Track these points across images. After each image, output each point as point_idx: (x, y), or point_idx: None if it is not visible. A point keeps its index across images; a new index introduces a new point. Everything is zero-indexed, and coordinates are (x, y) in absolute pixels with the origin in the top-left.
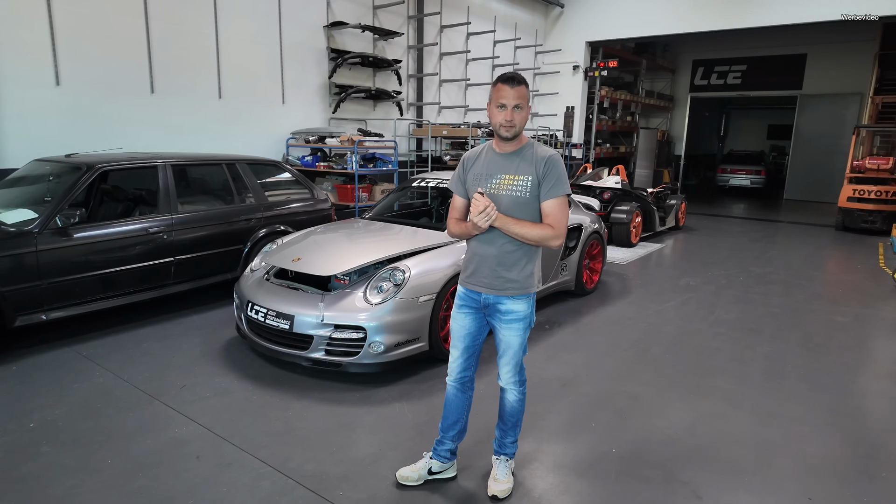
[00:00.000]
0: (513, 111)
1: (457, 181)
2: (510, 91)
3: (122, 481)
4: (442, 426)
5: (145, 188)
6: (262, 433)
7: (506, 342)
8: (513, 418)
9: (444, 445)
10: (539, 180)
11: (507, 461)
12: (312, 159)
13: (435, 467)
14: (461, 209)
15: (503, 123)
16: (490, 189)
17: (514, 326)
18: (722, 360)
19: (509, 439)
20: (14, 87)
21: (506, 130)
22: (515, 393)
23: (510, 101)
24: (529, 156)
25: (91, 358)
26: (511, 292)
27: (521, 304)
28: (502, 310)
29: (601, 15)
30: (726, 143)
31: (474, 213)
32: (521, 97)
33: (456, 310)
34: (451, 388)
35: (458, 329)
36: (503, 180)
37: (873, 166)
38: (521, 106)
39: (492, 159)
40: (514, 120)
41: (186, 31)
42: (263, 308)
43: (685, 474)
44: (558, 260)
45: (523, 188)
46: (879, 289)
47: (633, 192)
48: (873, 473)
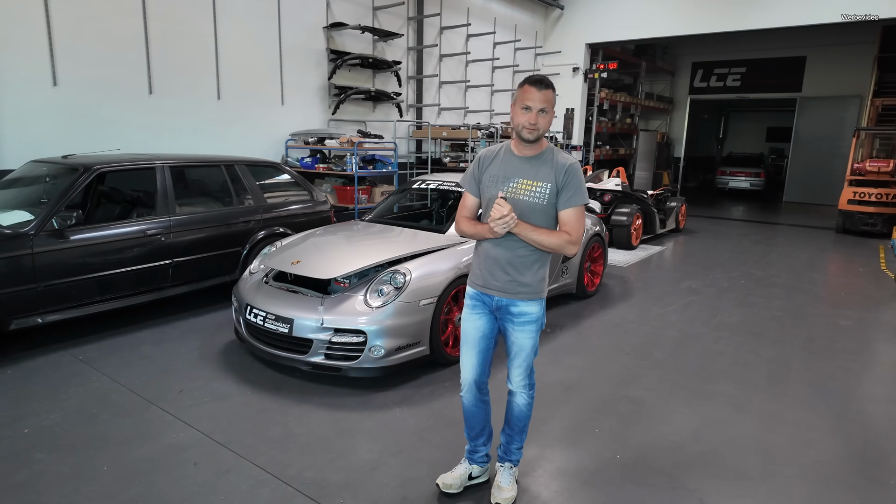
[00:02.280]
0: (538, 114)
1: (470, 179)
2: (537, 94)
3: (118, 489)
4: (468, 435)
5: (143, 190)
6: (260, 439)
7: (518, 345)
8: (520, 423)
9: (478, 453)
10: (558, 188)
11: (512, 468)
12: (312, 161)
13: (475, 472)
14: (472, 208)
15: (526, 125)
16: (506, 192)
17: (527, 329)
18: (725, 365)
19: (515, 445)
20: (11, 88)
21: (528, 133)
22: (525, 396)
23: (536, 105)
24: (550, 162)
25: (87, 362)
26: (524, 296)
27: (533, 306)
28: (515, 312)
29: (601, 17)
30: (725, 145)
31: (494, 218)
32: (548, 101)
33: (468, 311)
34: (467, 401)
35: (473, 331)
36: (521, 184)
37: (874, 169)
38: (547, 110)
39: (510, 161)
40: (539, 123)
41: (185, 31)
42: (262, 311)
43: (691, 481)
44: (559, 263)
45: (541, 194)
46: (881, 292)
47: (633, 194)
48: (882, 480)
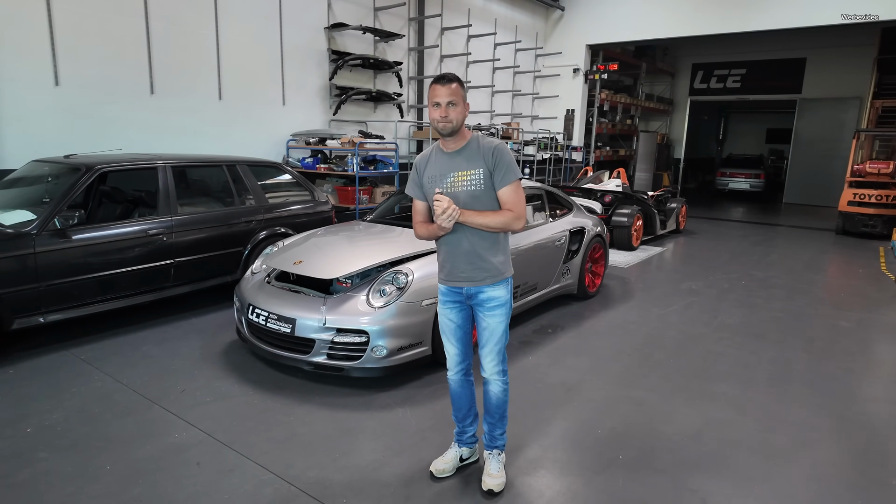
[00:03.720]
0: (447, 108)
1: (413, 185)
2: (442, 89)
3: (120, 488)
4: (456, 417)
5: (145, 190)
6: (263, 439)
7: (489, 329)
8: (499, 410)
9: (465, 434)
10: (490, 171)
11: (499, 454)
12: (313, 161)
13: (465, 454)
14: (423, 212)
15: (439, 119)
16: (446, 188)
17: (497, 312)
18: (727, 365)
19: (498, 431)
20: (13, 87)
21: (443, 126)
22: (499, 383)
23: (443, 99)
24: (476, 149)
25: (89, 361)
26: (489, 281)
27: (500, 289)
28: (483, 298)
29: (602, 18)
30: (725, 146)
31: (438, 215)
32: (454, 94)
33: (441, 306)
34: (454, 382)
35: (447, 323)
36: (457, 177)
37: (874, 170)
38: (455, 102)
39: (441, 159)
40: (449, 115)
41: (187, 31)
42: (264, 311)
43: (693, 482)
44: (561, 263)
45: (476, 181)
46: (882, 293)
47: (633, 195)
48: (884, 481)
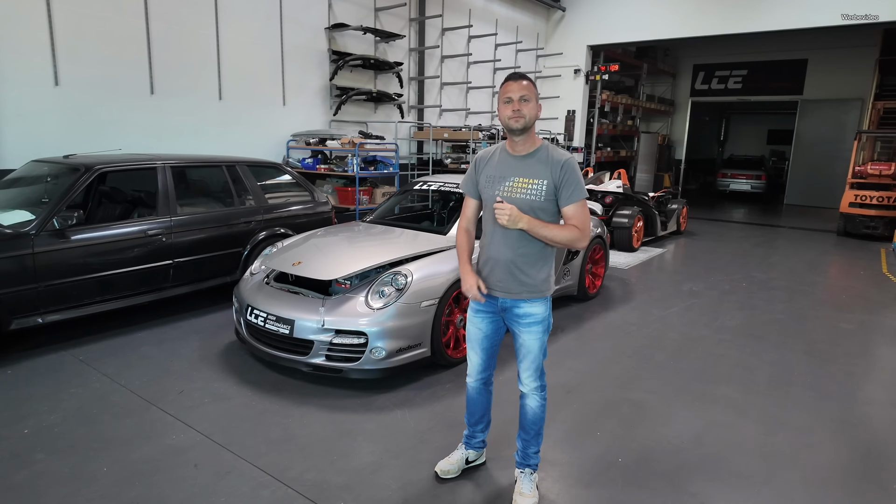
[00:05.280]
0: (519, 102)
1: (469, 181)
2: (514, 84)
3: (118, 490)
4: (469, 421)
5: (144, 190)
6: (261, 440)
7: (526, 346)
8: (535, 426)
9: (475, 438)
10: (556, 185)
11: (532, 474)
12: (313, 161)
13: (471, 457)
14: (471, 216)
15: (511, 115)
16: (504, 192)
17: (534, 330)
18: (727, 368)
19: (532, 450)
20: (12, 87)
21: (514, 121)
22: (537, 398)
23: (515, 94)
24: (544, 159)
25: (87, 362)
26: (527, 295)
27: (538, 306)
28: (520, 313)
29: (603, 19)
30: (726, 147)
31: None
32: (527, 90)
33: (472, 314)
34: (473, 388)
35: (476, 332)
36: (517, 183)
37: (875, 172)
38: (528, 98)
39: (505, 161)
40: (522, 110)
41: (187, 31)
42: (263, 312)
43: (693, 485)
44: (561, 264)
45: (538, 191)
46: (883, 295)
47: (634, 196)
48: (885, 485)
